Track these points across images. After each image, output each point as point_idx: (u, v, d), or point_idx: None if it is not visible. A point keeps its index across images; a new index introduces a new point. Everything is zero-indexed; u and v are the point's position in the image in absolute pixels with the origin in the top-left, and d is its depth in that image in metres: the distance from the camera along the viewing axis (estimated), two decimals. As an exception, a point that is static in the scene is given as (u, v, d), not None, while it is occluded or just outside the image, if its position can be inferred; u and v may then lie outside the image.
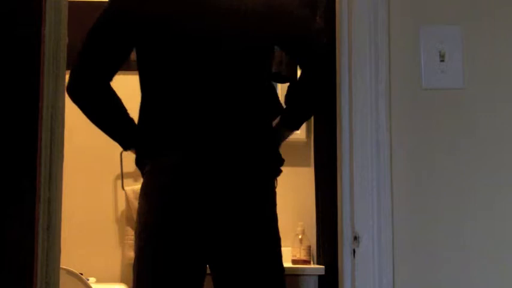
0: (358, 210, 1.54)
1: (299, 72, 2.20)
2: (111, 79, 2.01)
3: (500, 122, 1.55)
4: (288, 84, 2.23)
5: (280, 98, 2.16)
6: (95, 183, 3.89)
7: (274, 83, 2.37)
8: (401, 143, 1.55)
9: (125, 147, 2.08)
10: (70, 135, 1.93)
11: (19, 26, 1.46)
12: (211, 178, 1.91)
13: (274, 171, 2.03)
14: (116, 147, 2.15)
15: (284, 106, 2.16)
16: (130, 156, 2.18)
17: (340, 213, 1.58)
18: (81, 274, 3.25)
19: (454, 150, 1.55)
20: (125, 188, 3.89)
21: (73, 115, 2.31)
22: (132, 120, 2.04)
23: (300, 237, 3.70)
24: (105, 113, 2.05)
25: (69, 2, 1.68)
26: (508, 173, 1.54)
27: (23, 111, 1.45)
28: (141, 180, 1.96)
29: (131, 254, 3.80)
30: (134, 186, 3.89)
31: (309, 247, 3.70)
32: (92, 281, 3.52)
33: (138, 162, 2.04)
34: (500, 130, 1.55)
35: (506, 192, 1.54)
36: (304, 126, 3.33)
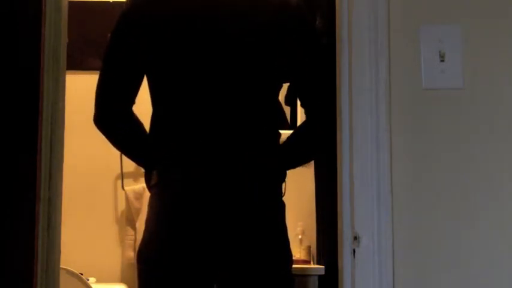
0: (358, 210, 1.54)
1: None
2: (133, 103, 2.02)
3: (500, 122, 1.55)
4: (287, 84, 2.23)
5: (280, 99, 2.16)
6: (95, 183, 3.89)
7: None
8: (401, 143, 1.55)
9: (150, 170, 2.07)
10: (70, 135, 1.93)
11: (19, 26, 1.46)
12: (218, 194, 1.90)
13: (279, 181, 2.02)
14: (116, 148, 2.15)
15: (285, 106, 2.15)
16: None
17: (340, 213, 1.58)
18: (81, 274, 3.26)
19: (454, 150, 1.55)
20: (125, 188, 3.90)
21: (73, 115, 2.31)
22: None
23: (300, 237, 3.70)
24: (131, 141, 2.05)
25: (69, 2, 1.69)
26: (508, 173, 1.54)
27: (23, 111, 1.46)
28: (141, 180, 1.96)
29: (131, 254, 3.81)
30: (134, 186, 3.90)
31: (309, 247, 3.70)
32: (92, 281, 3.52)
33: (146, 177, 2.03)
34: (500, 130, 1.55)
35: (507, 192, 1.54)
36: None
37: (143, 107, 2.03)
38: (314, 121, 2.05)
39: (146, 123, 2.03)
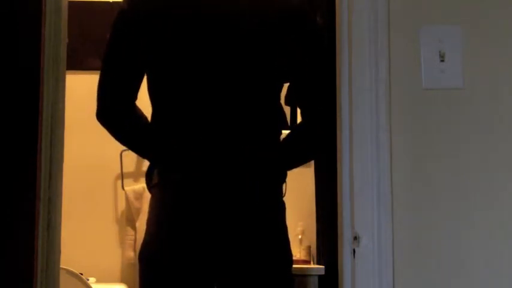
0: (358, 210, 1.54)
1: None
2: (135, 98, 2.01)
3: (500, 122, 1.55)
4: (287, 84, 2.23)
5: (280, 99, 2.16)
6: (95, 183, 3.89)
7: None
8: (401, 143, 1.55)
9: (155, 164, 2.07)
10: (70, 135, 1.93)
11: (19, 26, 1.46)
12: (219, 194, 1.89)
13: (280, 181, 2.02)
14: (116, 148, 2.15)
15: (286, 106, 2.14)
16: (130, 156, 2.18)
17: (340, 213, 1.58)
18: (81, 274, 3.26)
19: (454, 150, 1.55)
20: (125, 188, 3.90)
21: (73, 115, 2.31)
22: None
23: (300, 237, 3.70)
24: (134, 134, 2.05)
25: (69, 2, 1.68)
26: (508, 173, 1.54)
27: (23, 111, 1.46)
28: (141, 180, 1.96)
29: (131, 254, 3.82)
30: (134, 186, 3.90)
31: (309, 247, 3.70)
32: (92, 281, 3.52)
33: (147, 178, 2.03)
34: (500, 130, 1.55)
35: (507, 192, 1.54)
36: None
37: (143, 107, 2.04)
38: (311, 121, 2.04)
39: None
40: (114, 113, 2.01)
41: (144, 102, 2.02)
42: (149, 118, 2.02)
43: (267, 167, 1.96)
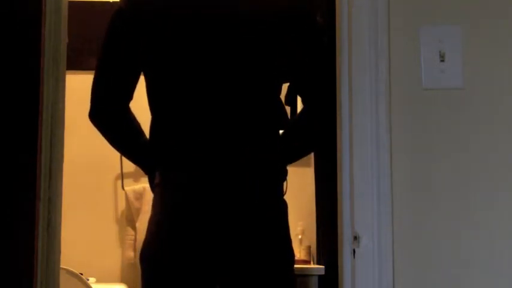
0: (358, 210, 1.54)
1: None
2: (131, 98, 2.01)
3: (500, 122, 1.55)
4: (287, 84, 2.23)
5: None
6: (95, 183, 3.89)
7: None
8: (401, 143, 1.55)
9: (147, 173, 2.07)
10: (70, 135, 1.93)
11: (19, 26, 1.46)
12: (220, 193, 1.89)
13: (280, 180, 2.01)
14: (116, 148, 2.15)
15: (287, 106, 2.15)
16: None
17: (340, 213, 1.58)
18: (81, 274, 3.26)
19: (454, 150, 1.55)
20: (125, 188, 3.90)
21: (73, 115, 2.31)
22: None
23: (300, 237, 3.70)
24: (126, 137, 2.05)
25: (69, 2, 1.68)
26: (508, 173, 1.54)
27: (23, 111, 1.46)
28: (141, 180, 1.96)
29: (131, 254, 3.82)
30: (134, 186, 3.90)
31: (309, 247, 3.70)
32: (92, 281, 3.52)
33: (150, 177, 2.03)
34: (500, 130, 1.55)
35: (507, 192, 1.54)
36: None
37: (140, 111, 2.03)
38: (312, 109, 2.04)
39: (145, 126, 2.03)
40: (107, 113, 2.01)
41: (141, 105, 2.02)
42: (147, 119, 2.02)
43: (267, 166, 1.96)
